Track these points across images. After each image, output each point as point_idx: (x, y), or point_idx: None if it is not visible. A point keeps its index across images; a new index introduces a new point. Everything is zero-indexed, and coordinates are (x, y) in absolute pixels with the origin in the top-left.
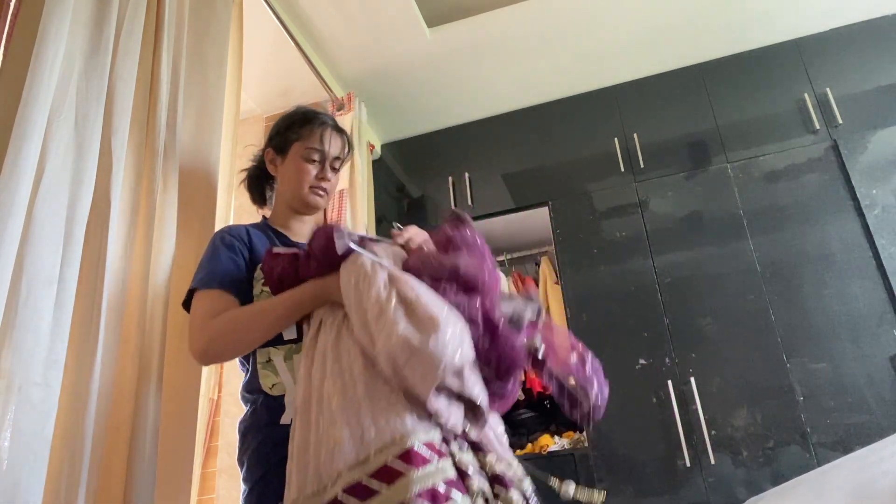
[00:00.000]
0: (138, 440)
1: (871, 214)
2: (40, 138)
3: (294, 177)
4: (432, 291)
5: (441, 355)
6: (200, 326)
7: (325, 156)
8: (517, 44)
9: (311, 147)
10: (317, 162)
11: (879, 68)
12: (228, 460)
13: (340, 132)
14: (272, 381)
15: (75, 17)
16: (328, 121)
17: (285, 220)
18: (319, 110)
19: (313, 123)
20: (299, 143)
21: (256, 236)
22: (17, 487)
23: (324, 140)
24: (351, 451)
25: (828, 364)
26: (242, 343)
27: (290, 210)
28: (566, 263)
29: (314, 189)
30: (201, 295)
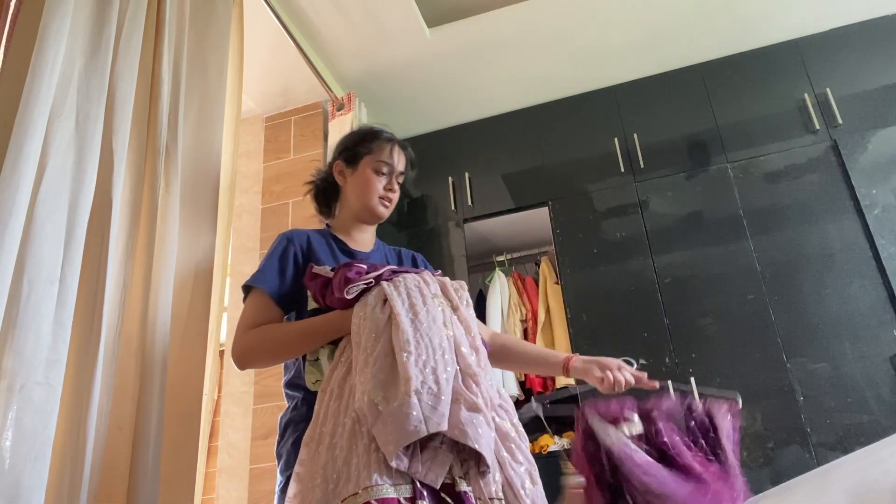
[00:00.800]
0: (141, 440)
1: (871, 214)
2: (41, 138)
3: (364, 188)
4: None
5: (404, 424)
6: (241, 334)
7: (393, 169)
8: (517, 44)
9: (381, 160)
10: (385, 175)
11: (879, 68)
12: (228, 460)
13: (405, 149)
14: (315, 378)
15: (76, 17)
16: (395, 138)
17: (348, 229)
18: (387, 129)
19: (382, 139)
20: (370, 157)
21: (317, 242)
22: (19, 487)
23: (393, 154)
24: (322, 498)
25: (828, 364)
26: (271, 360)
27: (356, 219)
28: (566, 263)
29: (382, 200)
30: (253, 296)
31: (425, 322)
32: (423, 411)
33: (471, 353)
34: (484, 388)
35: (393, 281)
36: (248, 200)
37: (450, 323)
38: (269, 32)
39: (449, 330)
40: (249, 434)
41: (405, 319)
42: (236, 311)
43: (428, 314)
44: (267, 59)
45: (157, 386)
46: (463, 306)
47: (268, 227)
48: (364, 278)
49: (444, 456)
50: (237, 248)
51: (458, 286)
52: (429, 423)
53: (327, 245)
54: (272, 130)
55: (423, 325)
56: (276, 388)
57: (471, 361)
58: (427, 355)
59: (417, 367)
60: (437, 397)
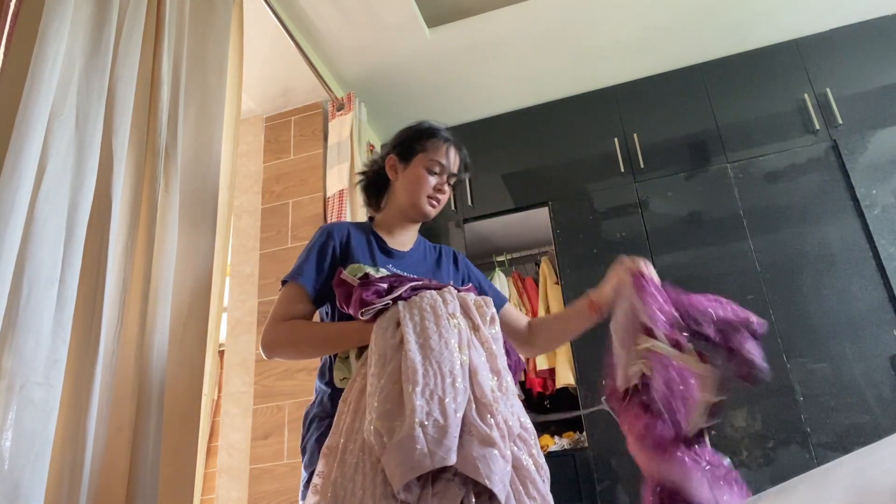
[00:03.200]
0: (141, 440)
1: (871, 214)
2: (41, 138)
3: (415, 185)
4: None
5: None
6: (272, 326)
7: (446, 170)
8: (517, 44)
9: (435, 160)
10: (437, 174)
11: (879, 68)
12: (228, 460)
13: (460, 150)
14: (343, 375)
15: (76, 17)
16: (451, 138)
17: (392, 225)
18: (443, 126)
19: (438, 138)
20: (424, 155)
21: (357, 239)
22: (19, 488)
23: (448, 155)
24: None
25: (828, 364)
26: (296, 356)
27: (401, 216)
28: (566, 263)
29: (431, 199)
30: (287, 288)
31: (436, 347)
32: (427, 445)
33: (490, 377)
34: (501, 419)
35: (410, 301)
36: (248, 200)
37: (466, 346)
38: (269, 32)
39: (464, 354)
40: (249, 434)
41: (413, 346)
42: (236, 311)
43: (440, 338)
44: (267, 59)
45: (156, 386)
46: (485, 325)
47: (268, 227)
48: (381, 301)
49: (455, 489)
50: (237, 248)
51: (483, 302)
52: (433, 457)
53: (367, 242)
54: (272, 130)
55: (434, 352)
56: (277, 389)
57: (486, 389)
58: (435, 384)
59: (424, 398)
60: (444, 430)
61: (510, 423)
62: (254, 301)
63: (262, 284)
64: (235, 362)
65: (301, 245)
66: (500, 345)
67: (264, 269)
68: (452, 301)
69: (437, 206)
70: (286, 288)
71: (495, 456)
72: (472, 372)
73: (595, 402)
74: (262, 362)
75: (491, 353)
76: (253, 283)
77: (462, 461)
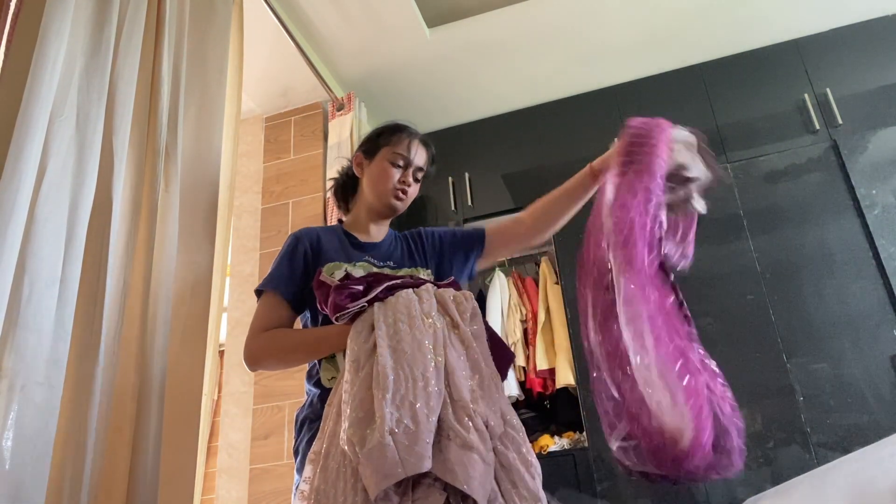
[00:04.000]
0: (141, 440)
1: (871, 214)
2: (41, 138)
3: (378, 178)
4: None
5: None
6: (252, 337)
7: (410, 163)
8: (517, 44)
9: (398, 153)
10: (401, 167)
11: (879, 68)
12: (228, 460)
13: (427, 146)
14: (331, 375)
15: (76, 17)
16: (417, 133)
17: (361, 223)
18: (412, 125)
19: (402, 132)
20: (387, 148)
21: (327, 239)
22: (20, 488)
23: (411, 148)
24: None
25: (828, 364)
26: (280, 366)
27: (370, 212)
28: (566, 263)
29: (395, 191)
30: (264, 298)
31: (408, 350)
32: (399, 452)
33: (469, 377)
34: (480, 420)
35: (385, 302)
36: (248, 200)
37: (441, 346)
38: (269, 32)
39: (439, 355)
40: (249, 434)
41: (385, 351)
42: (236, 312)
43: (413, 340)
44: (267, 59)
45: (156, 386)
46: (465, 321)
47: (268, 227)
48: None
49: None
50: (237, 248)
51: (463, 297)
52: (406, 464)
53: (338, 240)
54: (272, 130)
55: (406, 355)
56: (276, 389)
57: (464, 390)
58: (406, 388)
59: (394, 405)
60: (415, 436)
61: (492, 422)
62: (254, 301)
63: None
64: (235, 362)
65: None
66: (483, 341)
67: (264, 269)
68: (429, 299)
69: (405, 199)
70: (262, 298)
71: (474, 460)
72: (448, 373)
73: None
74: None
75: (471, 351)
76: (253, 283)
77: (440, 466)
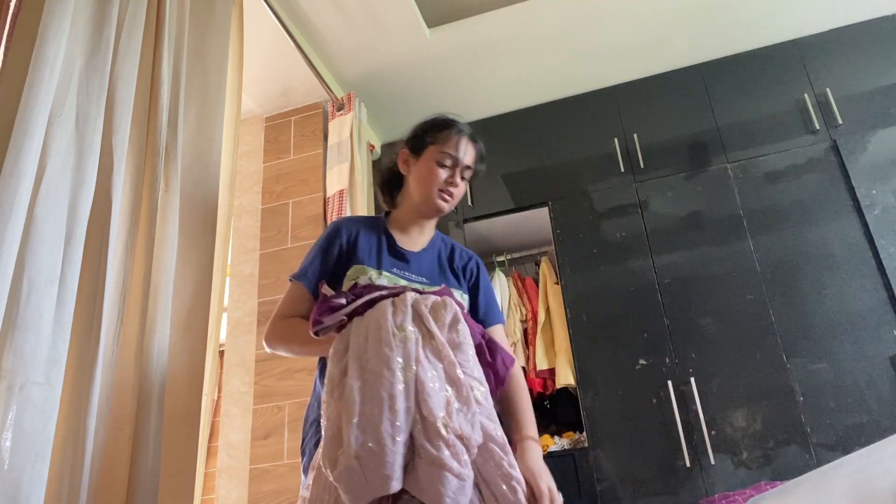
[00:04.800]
0: (141, 440)
1: (871, 214)
2: (41, 138)
3: (424, 178)
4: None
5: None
6: (273, 322)
7: (458, 162)
8: (517, 44)
9: (446, 152)
10: (448, 167)
11: (879, 68)
12: (228, 460)
13: (475, 143)
14: None
15: (76, 17)
16: (465, 130)
17: (406, 223)
18: (458, 119)
19: (450, 130)
20: (434, 147)
21: (365, 237)
22: (19, 488)
23: (459, 147)
24: None
25: (828, 364)
26: (289, 353)
27: (415, 213)
28: (566, 263)
29: (441, 192)
30: (292, 286)
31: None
32: (365, 475)
33: (443, 390)
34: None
35: (362, 317)
36: (248, 200)
37: (413, 361)
38: (269, 32)
39: (409, 371)
40: (249, 434)
41: (353, 373)
42: (236, 312)
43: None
44: (267, 59)
45: (156, 386)
46: (443, 330)
47: (268, 227)
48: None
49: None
50: (237, 248)
51: (442, 304)
52: (372, 486)
53: (377, 241)
54: (272, 130)
55: (370, 374)
56: (276, 389)
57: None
58: (371, 410)
59: (359, 428)
60: (379, 458)
61: (467, 435)
62: (254, 301)
63: (262, 284)
64: (235, 362)
65: (301, 245)
66: (464, 348)
67: (264, 269)
68: (405, 311)
69: (451, 201)
70: (291, 287)
71: (446, 478)
72: (419, 389)
73: (594, 401)
74: (262, 362)
75: (447, 362)
76: (253, 283)
77: (413, 485)
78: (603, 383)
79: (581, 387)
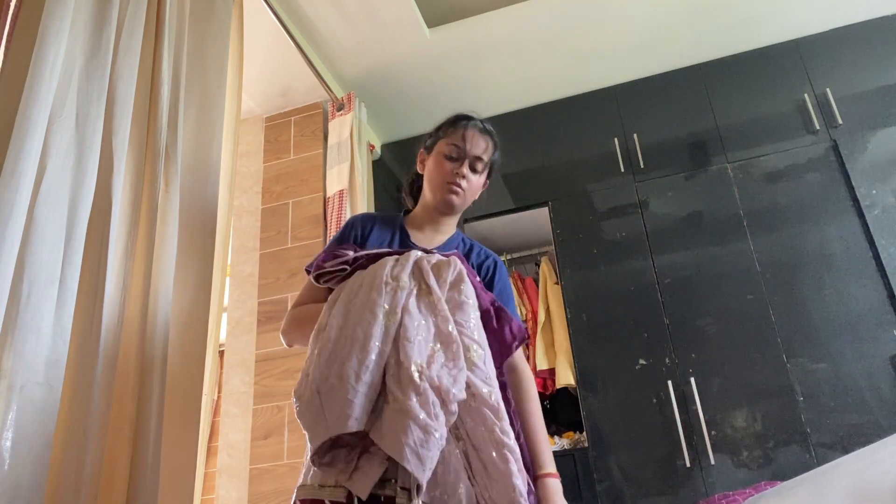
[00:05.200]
0: (141, 440)
1: (871, 214)
2: (41, 138)
3: (432, 173)
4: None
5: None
6: (289, 311)
7: (465, 153)
8: (517, 44)
9: (452, 144)
10: (455, 160)
11: (879, 68)
12: (228, 461)
13: (486, 133)
14: None
15: (76, 17)
16: (476, 121)
17: (422, 221)
18: (474, 115)
19: (459, 122)
20: (442, 141)
21: (379, 232)
22: (19, 488)
23: (466, 138)
24: None
25: (828, 364)
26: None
27: (429, 210)
28: (566, 263)
29: (449, 185)
30: (308, 280)
31: (356, 311)
32: (323, 410)
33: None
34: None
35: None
36: (248, 200)
37: (400, 309)
38: (269, 32)
39: (392, 316)
40: (249, 434)
41: (336, 313)
42: (236, 312)
43: (365, 301)
44: (267, 59)
45: (157, 386)
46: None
47: (268, 227)
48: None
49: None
50: (237, 248)
51: (446, 264)
52: (328, 423)
53: (390, 235)
54: (272, 130)
55: (352, 315)
56: (277, 389)
57: (415, 353)
58: (342, 347)
59: (326, 364)
60: (340, 394)
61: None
62: (254, 301)
63: (262, 284)
64: (235, 362)
65: (301, 245)
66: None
67: (264, 269)
68: (404, 265)
69: (461, 194)
70: (307, 279)
71: (409, 427)
72: (399, 336)
73: (594, 401)
74: (262, 362)
75: (442, 318)
76: (253, 283)
77: (376, 433)
78: (603, 383)
79: (581, 387)
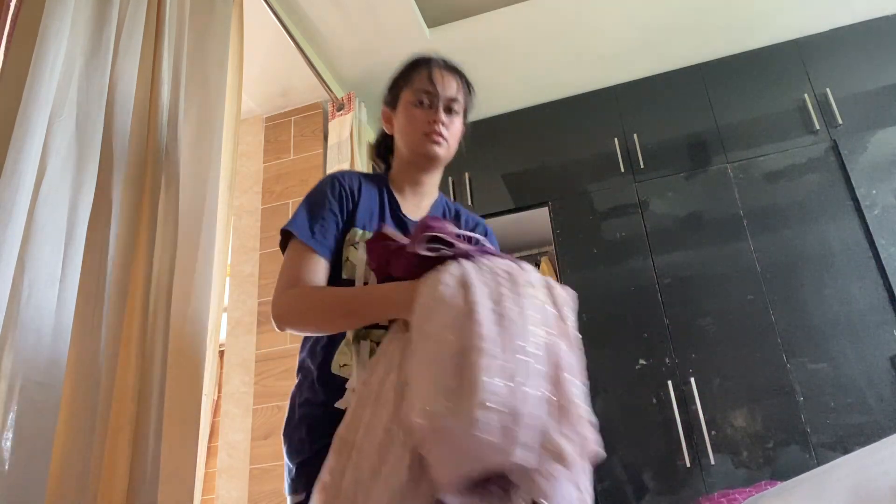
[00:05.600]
0: (141, 441)
1: (871, 214)
2: (41, 138)
3: (405, 127)
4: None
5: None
6: (281, 292)
7: (437, 96)
8: (517, 44)
9: (419, 89)
10: (427, 106)
11: (879, 68)
12: (228, 460)
13: (453, 71)
14: (345, 361)
15: (76, 17)
16: (439, 60)
17: (403, 182)
18: (433, 53)
19: (420, 66)
20: (407, 90)
21: (367, 192)
22: (20, 488)
23: (434, 80)
24: None
25: (828, 364)
26: (311, 329)
27: (409, 167)
28: (566, 263)
29: (428, 135)
30: (294, 246)
31: (515, 318)
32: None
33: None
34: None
35: (477, 262)
36: (248, 200)
37: (553, 324)
38: (269, 32)
39: (551, 333)
40: (249, 434)
41: (486, 311)
42: (236, 312)
43: (517, 307)
44: (267, 59)
45: (156, 386)
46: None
47: (268, 227)
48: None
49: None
50: (237, 248)
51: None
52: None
53: (378, 200)
54: (272, 130)
55: (510, 322)
56: (277, 389)
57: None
58: (511, 362)
59: (496, 376)
60: (516, 419)
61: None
62: (254, 301)
63: (262, 284)
64: (235, 362)
65: None
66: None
67: (264, 269)
68: (532, 271)
69: (443, 142)
70: (291, 246)
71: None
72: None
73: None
74: (262, 362)
75: (577, 348)
76: (253, 283)
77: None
78: (603, 383)
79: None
